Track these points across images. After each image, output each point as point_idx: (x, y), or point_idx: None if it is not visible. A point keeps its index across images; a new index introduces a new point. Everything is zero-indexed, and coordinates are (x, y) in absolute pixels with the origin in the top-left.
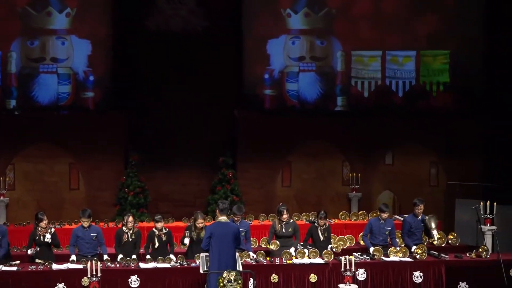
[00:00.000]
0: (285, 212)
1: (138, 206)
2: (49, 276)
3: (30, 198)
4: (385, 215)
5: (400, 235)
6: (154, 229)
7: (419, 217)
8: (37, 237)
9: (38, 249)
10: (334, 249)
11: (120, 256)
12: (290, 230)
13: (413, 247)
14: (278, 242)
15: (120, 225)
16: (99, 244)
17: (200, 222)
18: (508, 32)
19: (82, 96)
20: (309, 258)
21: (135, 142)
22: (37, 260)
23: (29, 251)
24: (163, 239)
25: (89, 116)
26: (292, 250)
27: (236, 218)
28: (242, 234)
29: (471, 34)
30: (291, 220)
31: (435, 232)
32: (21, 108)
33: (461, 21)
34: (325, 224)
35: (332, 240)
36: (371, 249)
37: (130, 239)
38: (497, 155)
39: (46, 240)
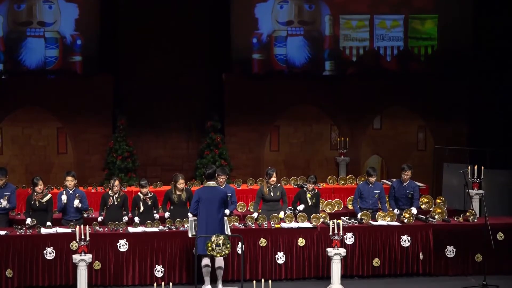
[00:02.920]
0: (274, 175)
1: (127, 170)
2: (37, 240)
3: (18, 162)
4: (372, 179)
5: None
6: (139, 193)
7: (405, 183)
8: (32, 202)
9: (34, 221)
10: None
11: (100, 218)
12: (278, 194)
13: (395, 210)
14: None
15: (108, 189)
16: (84, 208)
17: (181, 183)
18: None
19: (69, 60)
20: (297, 222)
21: (123, 106)
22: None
23: (28, 221)
24: (148, 203)
25: (77, 80)
26: (281, 214)
27: (220, 180)
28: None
29: None
30: (279, 184)
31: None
32: (8, 72)
33: None
34: (313, 189)
35: (320, 205)
36: (359, 214)
37: (116, 203)
38: (484, 119)
39: (43, 202)
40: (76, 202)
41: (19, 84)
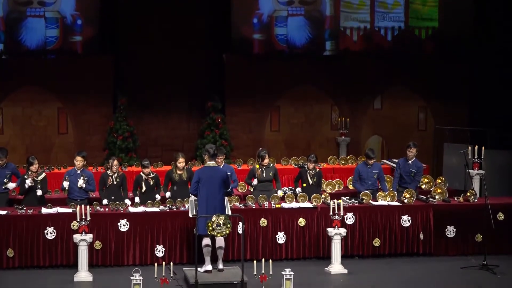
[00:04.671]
0: (266, 156)
1: (127, 150)
2: (38, 220)
3: (18, 142)
4: (371, 162)
5: (388, 179)
6: (141, 173)
7: (410, 161)
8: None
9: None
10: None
11: (105, 201)
12: (270, 174)
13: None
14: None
15: (106, 169)
16: (89, 189)
17: (181, 161)
18: None
19: (70, 40)
20: (298, 202)
21: (123, 87)
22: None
23: (27, 181)
24: (151, 183)
25: (77, 60)
26: (280, 192)
27: (219, 160)
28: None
29: None
30: (271, 164)
31: None
32: (9, 52)
33: None
34: (314, 168)
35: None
36: (361, 193)
37: (115, 183)
38: (485, 99)
39: (37, 189)
40: (81, 182)
41: (20, 64)
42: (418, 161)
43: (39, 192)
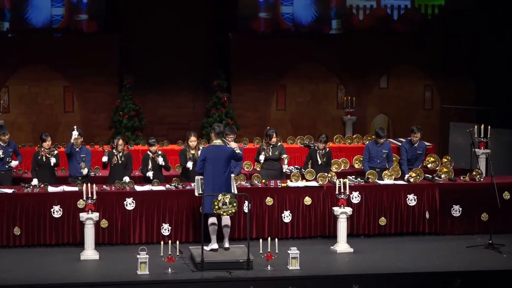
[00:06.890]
0: (274, 135)
1: (133, 129)
2: (45, 198)
3: (25, 120)
4: (381, 141)
5: (398, 160)
6: (148, 152)
7: (415, 144)
8: (39, 157)
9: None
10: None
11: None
12: (276, 153)
13: (407, 176)
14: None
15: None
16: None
17: (192, 140)
18: None
19: (75, 18)
20: (304, 180)
21: (129, 65)
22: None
23: (34, 181)
24: (157, 162)
25: (83, 39)
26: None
27: (229, 139)
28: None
29: None
30: (278, 143)
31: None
32: (15, 31)
33: None
34: (324, 148)
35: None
36: (367, 173)
37: (120, 162)
38: (491, 78)
39: (51, 163)
40: (85, 172)
41: (26, 42)
42: (422, 141)
43: (53, 160)
